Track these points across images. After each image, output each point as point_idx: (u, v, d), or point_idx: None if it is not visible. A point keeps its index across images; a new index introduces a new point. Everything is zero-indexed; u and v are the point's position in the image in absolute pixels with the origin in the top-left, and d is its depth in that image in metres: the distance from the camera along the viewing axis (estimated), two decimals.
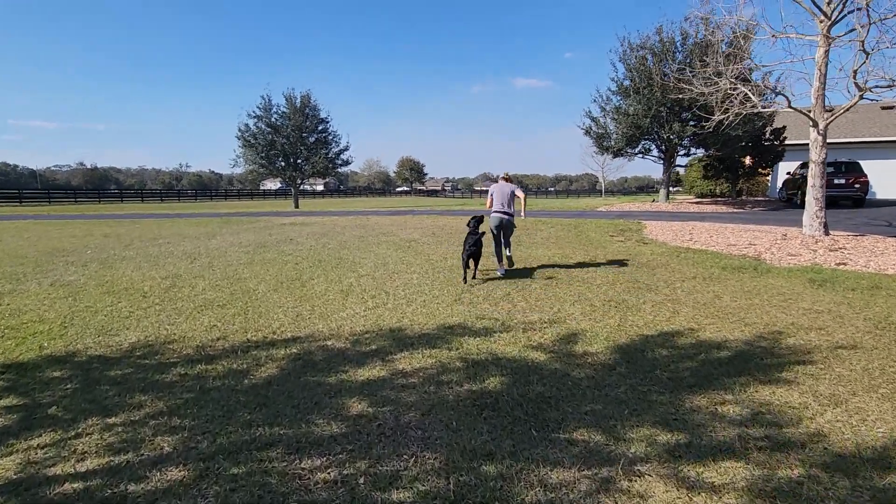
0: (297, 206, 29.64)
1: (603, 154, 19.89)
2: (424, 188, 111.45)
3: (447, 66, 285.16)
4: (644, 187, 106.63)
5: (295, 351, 4.13)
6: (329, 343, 4.32)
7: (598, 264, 7.62)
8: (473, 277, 6.62)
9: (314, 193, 76.69)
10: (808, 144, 10.30)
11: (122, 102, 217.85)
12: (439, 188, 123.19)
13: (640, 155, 20.40)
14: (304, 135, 28.37)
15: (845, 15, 9.02)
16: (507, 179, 6.98)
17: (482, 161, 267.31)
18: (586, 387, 3.32)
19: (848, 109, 9.47)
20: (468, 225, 6.69)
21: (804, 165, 19.66)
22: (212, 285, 6.64)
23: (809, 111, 9.88)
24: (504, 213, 6.76)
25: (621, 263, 7.67)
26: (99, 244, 11.05)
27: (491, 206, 6.89)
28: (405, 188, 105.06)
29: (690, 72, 12.52)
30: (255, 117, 27.55)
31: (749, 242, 9.34)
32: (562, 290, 6.04)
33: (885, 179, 21.87)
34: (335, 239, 11.29)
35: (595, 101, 19.60)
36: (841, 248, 8.36)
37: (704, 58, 13.27)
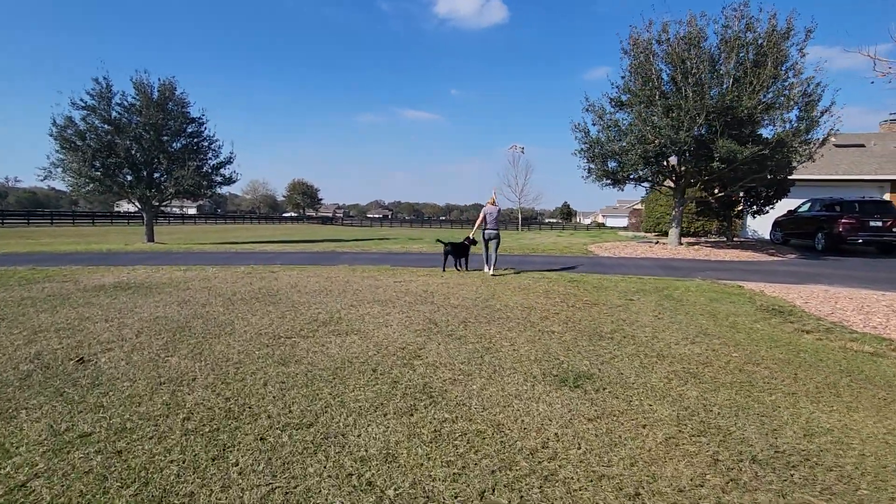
0: (151, 240, 20.67)
1: (599, 181, 15.03)
2: (316, 215, 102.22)
3: (334, 93, 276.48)
4: (527, 219, 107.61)
5: None
6: None
7: None
8: (457, 269, 9.83)
9: (183, 218, 62.57)
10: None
11: None
12: (331, 214, 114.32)
13: (634, 183, 16.04)
14: (165, 138, 19.85)
15: None
16: (493, 202, 9.58)
17: (373, 188, 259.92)
18: None
19: None
20: (464, 240, 10.04)
21: (810, 204, 16.79)
22: None
23: None
24: (494, 230, 9.50)
25: None
26: None
27: (484, 223, 9.51)
28: (294, 214, 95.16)
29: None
30: (83, 108, 18.55)
31: None
32: None
33: None
34: (209, 357, 4.37)
35: (588, 109, 14.81)
36: None
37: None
